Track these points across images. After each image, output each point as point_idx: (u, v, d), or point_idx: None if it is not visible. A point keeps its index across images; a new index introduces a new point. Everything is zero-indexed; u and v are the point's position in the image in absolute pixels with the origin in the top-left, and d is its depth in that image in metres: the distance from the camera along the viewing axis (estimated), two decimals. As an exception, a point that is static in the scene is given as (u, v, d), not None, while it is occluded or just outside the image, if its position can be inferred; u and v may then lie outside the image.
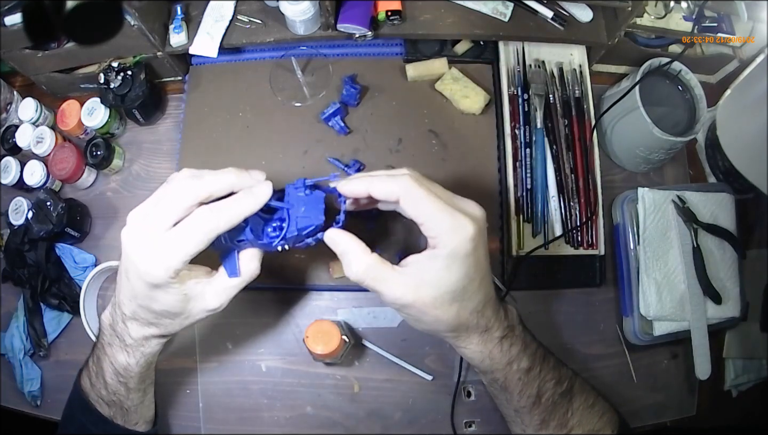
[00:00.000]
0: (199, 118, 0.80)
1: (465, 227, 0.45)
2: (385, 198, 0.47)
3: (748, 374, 0.78)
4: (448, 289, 0.46)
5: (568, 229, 0.74)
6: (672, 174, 0.83)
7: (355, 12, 0.73)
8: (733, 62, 0.82)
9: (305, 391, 0.72)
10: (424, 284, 0.46)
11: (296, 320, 0.74)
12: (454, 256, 0.45)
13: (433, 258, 0.46)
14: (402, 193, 0.46)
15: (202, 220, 0.44)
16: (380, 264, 0.47)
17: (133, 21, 0.70)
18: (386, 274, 0.47)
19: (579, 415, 0.53)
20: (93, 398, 0.55)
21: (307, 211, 0.49)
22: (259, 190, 0.47)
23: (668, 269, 0.72)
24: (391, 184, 0.46)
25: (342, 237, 0.48)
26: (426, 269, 0.46)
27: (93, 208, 0.81)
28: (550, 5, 0.76)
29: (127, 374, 0.54)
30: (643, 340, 0.72)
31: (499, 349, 0.51)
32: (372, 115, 0.79)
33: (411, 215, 0.46)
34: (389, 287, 0.47)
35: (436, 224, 0.45)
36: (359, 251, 0.47)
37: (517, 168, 0.76)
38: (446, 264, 0.45)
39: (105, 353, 0.54)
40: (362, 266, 0.47)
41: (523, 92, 0.78)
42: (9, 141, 0.81)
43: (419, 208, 0.45)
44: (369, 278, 0.47)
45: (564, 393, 0.53)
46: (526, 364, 0.52)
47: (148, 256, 0.44)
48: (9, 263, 0.76)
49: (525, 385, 0.52)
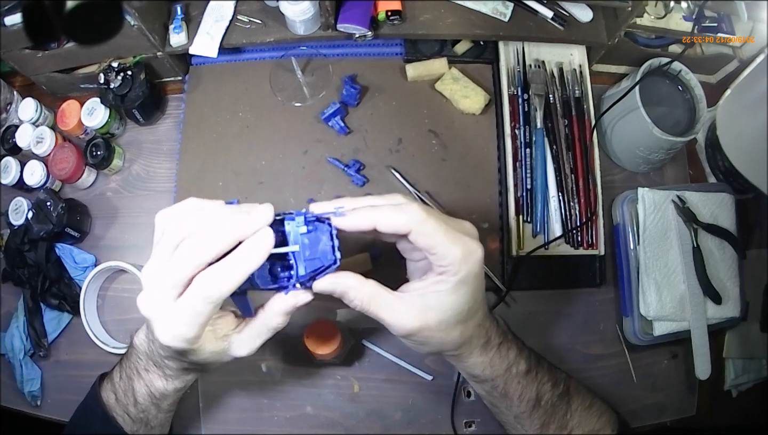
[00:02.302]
0: (199, 118, 0.80)
1: (475, 252, 0.45)
2: (394, 231, 0.44)
3: (748, 374, 0.78)
4: (454, 313, 0.46)
5: (568, 230, 0.74)
6: (672, 174, 0.83)
7: (355, 12, 0.73)
8: (733, 62, 0.82)
9: (305, 391, 0.72)
10: (429, 309, 0.45)
11: (296, 320, 0.74)
12: (463, 281, 0.45)
13: (440, 283, 0.45)
14: (414, 225, 0.44)
15: (207, 288, 0.41)
16: (381, 291, 0.46)
17: (133, 21, 0.70)
18: (389, 300, 0.46)
19: (578, 416, 0.53)
20: (117, 413, 0.54)
21: (314, 251, 0.44)
22: (260, 242, 0.41)
23: (668, 269, 0.72)
24: (400, 217, 0.44)
25: (335, 281, 0.45)
26: (431, 294, 0.45)
27: (93, 208, 0.81)
28: (550, 5, 0.76)
29: (163, 397, 0.54)
30: (643, 340, 0.72)
31: (498, 356, 0.51)
32: (372, 115, 0.79)
33: (422, 247, 0.44)
34: (394, 314, 0.46)
35: (449, 254, 0.44)
36: (356, 285, 0.45)
37: (517, 168, 0.76)
38: (453, 289, 0.45)
39: (140, 377, 0.53)
40: (365, 298, 0.46)
41: (523, 92, 0.78)
42: (9, 141, 0.81)
43: (433, 239, 0.44)
44: (372, 305, 0.46)
45: (562, 395, 0.53)
46: (524, 366, 0.52)
47: (164, 328, 0.43)
48: (9, 263, 0.76)
49: (524, 389, 0.52)
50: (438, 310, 0.45)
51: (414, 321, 0.45)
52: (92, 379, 0.58)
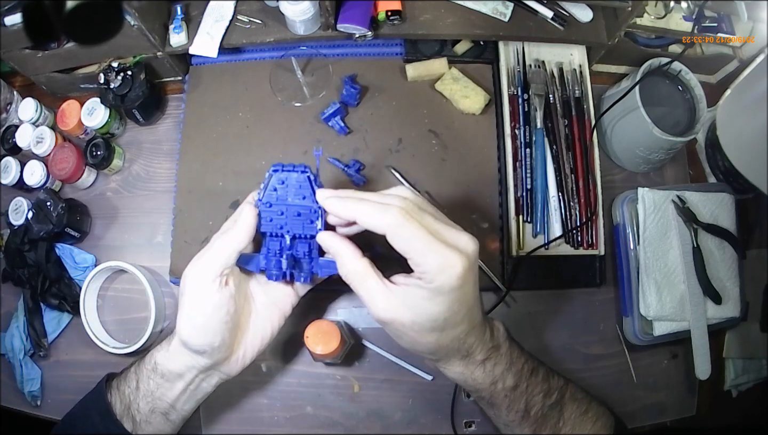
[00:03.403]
0: (199, 118, 0.80)
1: (453, 267, 0.44)
2: (373, 229, 0.46)
3: (748, 374, 0.78)
4: (428, 319, 0.46)
5: (568, 229, 0.74)
6: (672, 174, 0.83)
7: (355, 12, 0.73)
8: (733, 62, 0.82)
9: (305, 391, 0.72)
10: (404, 307, 0.46)
11: (296, 320, 0.74)
12: (439, 291, 0.44)
13: (418, 286, 0.45)
14: (389, 229, 0.44)
15: None
16: (370, 272, 0.47)
17: (133, 21, 0.70)
18: (373, 283, 0.47)
19: (571, 423, 0.53)
20: (123, 416, 0.55)
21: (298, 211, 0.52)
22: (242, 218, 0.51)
23: (668, 269, 0.72)
24: (378, 218, 0.45)
25: (334, 240, 0.49)
26: (410, 294, 0.46)
27: (93, 208, 0.81)
28: (550, 5, 0.76)
29: (175, 414, 0.55)
30: (643, 340, 0.72)
31: (482, 371, 0.51)
32: (372, 115, 0.79)
33: (398, 249, 0.45)
34: (373, 298, 0.47)
35: (424, 261, 0.44)
36: (350, 254, 0.48)
37: (517, 168, 0.76)
38: (430, 296, 0.45)
39: (154, 396, 0.54)
40: (351, 269, 0.48)
41: (523, 92, 0.78)
42: (9, 141, 0.81)
43: (406, 245, 0.44)
44: (356, 281, 0.47)
45: (554, 404, 0.53)
46: (512, 382, 0.51)
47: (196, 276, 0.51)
48: (9, 263, 0.76)
49: (512, 402, 0.52)
50: (412, 311, 0.46)
51: (388, 312, 0.46)
52: (92, 379, 0.58)
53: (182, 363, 0.53)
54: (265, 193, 0.52)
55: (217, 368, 0.55)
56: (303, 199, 0.51)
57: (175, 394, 0.54)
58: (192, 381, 0.54)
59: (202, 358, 0.52)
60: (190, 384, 0.54)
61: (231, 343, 0.53)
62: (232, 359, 0.54)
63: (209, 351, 0.51)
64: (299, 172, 0.51)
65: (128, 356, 0.71)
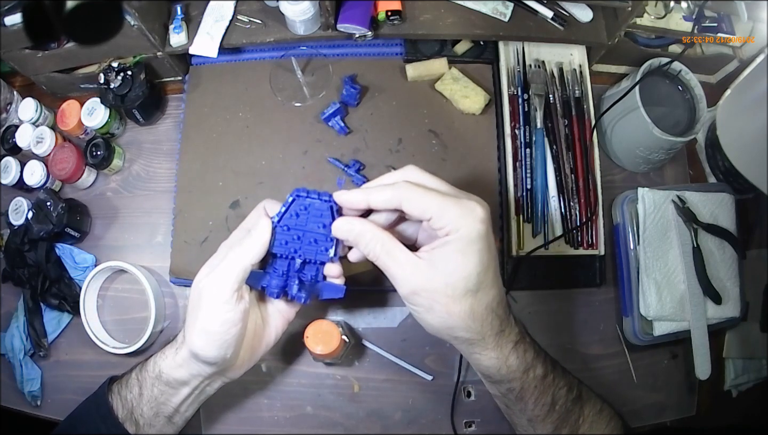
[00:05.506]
0: (199, 118, 0.80)
1: (474, 210, 0.45)
2: (386, 206, 0.47)
3: (748, 374, 0.78)
4: (461, 276, 0.45)
5: (568, 229, 0.74)
6: (672, 174, 0.83)
7: (355, 12, 0.73)
8: (733, 62, 0.82)
9: (305, 391, 0.72)
10: (435, 271, 0.45)
11: (296, 320, 0.74)
12: (467, 239, 0.44)
13: (445, 244, 0.45)
14: (402, 196, 0.45)
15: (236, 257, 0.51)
16: (395, 243, 0.47)
17: (133, 21, 0.70)
18: (399, 253, 0.47)
19: (590, 421, 0.53)
20: (126, 420, 0.55)
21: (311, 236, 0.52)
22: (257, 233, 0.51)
23: (668, 269, 0.72)
24: (387, 192, 0.46)
25: (352, 221, 0.48)
26: (439, 255, 0.45)
27: (93, 208, 0.81)
28: (550, 5, 0.76)
29: (179, 417, 0.56)
30: (643, 340, 0.72)
31: (515, 356, 0.50)
32: (372, 115, 0.79)
33: (417, 215, 0.45)
34: (401, 268, 0.46)
35: (444, 214, 0.44)
36: (372, 227, 0.47)
37: (517, 168, 0.76)
38: (459, 247, 0.44)
39: (158, 401, 0.54)
40: (378, 244, 0.47)
41: (523, 92, 0.78)
42: (9, 141, 0.81)
43: (423, 205, 0.45)
44: (383, 254, 0.47)
45: (575, 399, 0.53)
46: (542, 370, 0.51)
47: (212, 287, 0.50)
48: (9, 263, 0.76)
49: (541, 393, 0.51)
50: (444, 273, 0.45)
51: (419, 280, 0.46)
52: (92, 379, 0.58)
53: (188, 372, 0.53)
54: (284, 216, 0.51)
55: (221, 374, 0.55)
56: (322, 228, 0.51)
57: (179, 399, 0.55)
58: (197, 387, 0.55)
59: (210, 368, 0.53)
60: (195, 390, 0.55)
61: (239, 352, 0.54)
62: (237, 364, 0.55)
63: (220, 362, 0.52)
64: (323, 200, 0.51)
65: (128, 356, 0.72)
